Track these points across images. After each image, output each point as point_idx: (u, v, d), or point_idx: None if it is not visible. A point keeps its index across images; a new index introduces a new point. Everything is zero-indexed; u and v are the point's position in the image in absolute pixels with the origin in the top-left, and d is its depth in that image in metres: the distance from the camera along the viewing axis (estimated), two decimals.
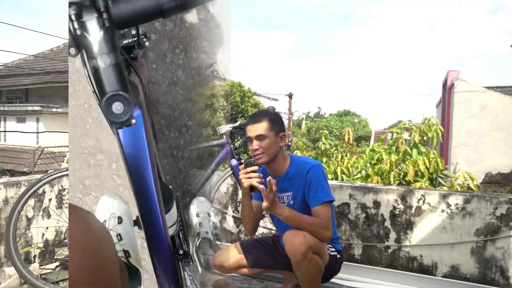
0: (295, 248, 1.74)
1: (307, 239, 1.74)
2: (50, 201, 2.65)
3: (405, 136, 4.35)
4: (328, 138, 5.54)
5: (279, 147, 1.92)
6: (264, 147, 1.86)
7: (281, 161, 1.95)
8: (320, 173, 1.88)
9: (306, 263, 1.74)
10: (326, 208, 1.81)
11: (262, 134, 1.86)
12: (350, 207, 2.64)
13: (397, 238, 2.52)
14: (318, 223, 1.77)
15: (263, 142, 1.86)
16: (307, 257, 1.73)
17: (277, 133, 1.90)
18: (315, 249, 1.77)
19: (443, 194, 2.43)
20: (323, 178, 1.87)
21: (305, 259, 1.73)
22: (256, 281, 2.50)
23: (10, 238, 2.11)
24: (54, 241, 2.69)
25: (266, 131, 1.86)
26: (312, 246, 1.75)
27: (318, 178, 1.85)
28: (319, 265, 1.79)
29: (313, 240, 1.76)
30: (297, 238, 1.74)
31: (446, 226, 2.40)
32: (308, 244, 1.73)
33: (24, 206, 2.19)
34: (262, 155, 1.87)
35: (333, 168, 4.47)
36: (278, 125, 1.92)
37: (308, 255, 1.73)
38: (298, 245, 1.73)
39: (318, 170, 1.88)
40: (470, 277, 2.35)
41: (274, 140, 1.88)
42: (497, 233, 2.30)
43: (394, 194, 2.53)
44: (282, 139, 1.93)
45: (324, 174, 1.91)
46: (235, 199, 3.04)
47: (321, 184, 1.84)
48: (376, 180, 3.87)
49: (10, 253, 2.10)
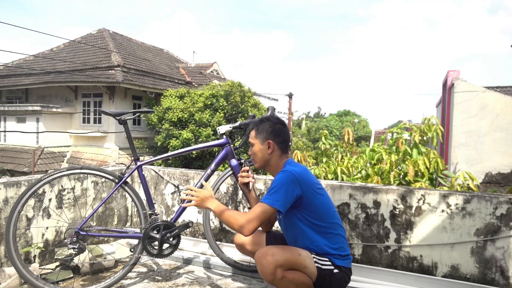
0: (262, 269, 1.77)
1: (274, 257, 1.75)
2: (50, 201, 2.65)
3: (405, 136, 4.34)
4: (328, 138, 5.54)
5: (267, 154, 2.00)
6: (252, 154, 2.04)
7: (275, 167, 2.02)
8: (281, 179, 1.85)
9: (278, 282, 1.75)
10: (257, 206, 1.81)
11: (250, 142, 2.06)
12: (350, 207, 2.64)
13: (397, 238, 2.52)
14: (235, 216, 1.83)
15: (252, 149, 2.04)
16: (276, 276, 1.74)
17: (263, 141, 2.00)
18: (286, 266, 1.76)
19: (443, 194, 2.43)
20: (278, 184, 1.83)
21: (275, 278, 1.75)
22: (256, 281, 2.50)
23: (10, 238, 2.11)
24: (54, 241, 2.69)
25: (252, 139, 2.05)
26: (281, 264, 1.75)
27: (274, 181, 1.87)
28: (297, 280, 1.77)
29: (283, 258, 1.76)
30: (265, 258, 1.76)
31: (446, 226, 2.40)
32: (276, 263, 1.74)
33: (24, 206, 2.19)
34: (254, 161, 2.07)
35: (333, 168, 4.47)
36: (263, 132, 2.00)
37: (277, 274, 1.74)
38: (265, 265, 1.75)
39: (281, 176, 1.86)
40: (470, 277, 2.35)
41: (260, 148, 2.01)
42: (497, 233, 2.30)
43: (394, 194, 2.53)
44: (269, 147, 1.99)
45: (285, 181, 1.84)
46: (235, 199, 3.04)
47: (273, 188, 1.83)
48: (376, 180, 3.87)
49: (10, 253, 2.10)
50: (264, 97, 24.37)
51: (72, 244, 2.18)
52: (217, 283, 2.45)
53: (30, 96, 17.24)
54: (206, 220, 2.61)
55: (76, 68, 15.29)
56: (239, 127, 2.50)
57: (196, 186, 2.43)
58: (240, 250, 2.25)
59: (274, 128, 2.01)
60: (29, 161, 13.58)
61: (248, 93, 14.18)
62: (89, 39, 17.60)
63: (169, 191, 3.29)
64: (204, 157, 12.92)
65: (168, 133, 13.03)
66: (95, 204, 2.95)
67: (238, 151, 2.54)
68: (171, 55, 21.82)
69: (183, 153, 2.55)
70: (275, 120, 2.05)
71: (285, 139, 2.02)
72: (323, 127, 32.53)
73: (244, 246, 2.18)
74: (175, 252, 2.39)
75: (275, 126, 2.01)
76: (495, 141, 6.62)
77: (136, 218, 3.37)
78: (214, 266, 2.70)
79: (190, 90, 14.35)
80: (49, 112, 15.09)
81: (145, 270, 2.66)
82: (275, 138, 1.99)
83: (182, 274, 2.60)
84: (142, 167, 2.42)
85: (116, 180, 2.35)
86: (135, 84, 14.49)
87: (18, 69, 16.79)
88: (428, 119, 4.34)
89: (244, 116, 13.58)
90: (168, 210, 3.30)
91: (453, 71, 7.46)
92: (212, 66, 20.76)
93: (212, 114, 13.24)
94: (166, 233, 2.33)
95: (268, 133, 1.99)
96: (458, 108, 6.91)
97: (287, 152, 2.04)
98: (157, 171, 3.32)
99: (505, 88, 11.98)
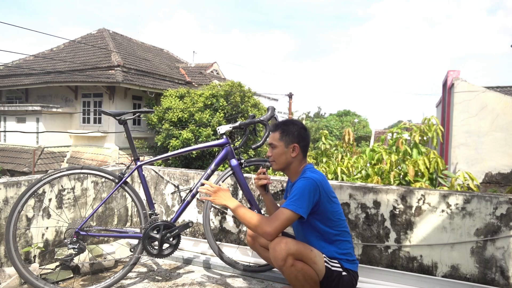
0: (275, 254, 1.81)
1: (288, 245, 1.80)
2: (50, 201, 2.65)
3: (405, 136, 4.34)
4: (328, 138, 5.54)
5: (290, 157, 2.01)
6: (274, 155, 2.03)
7: (294, 170, 2.04)
8: (303, 185, 1.86)
9: (288, 268, 1.79)
10: (281, 212, 1.82)
11: (272, 143, 2.04)
12: (350, 207, 2.64)
13: (397, 238, 2.52)
14: (263, 219, 1.84)
15: (274, 151, 2.03)
16: (287, 263, 1.78)
17: (288, 144, 2.01)
18: (297, 256, 1.80)
19: (443, 194, 2.43)
20: (302, 190, 1.84)
21: (286, 265, 1.79)
22: (256, 281, 2.50)
23: (10, 238, 2.11)
24: (54, 241, 2.69)
25: (276, 141, 2.02)
26: (293, 253, 1.79)
27: (296, 187, 1.88)
28: (305, 272, 1.80)
29: (295, 247, 1.81)
30: (279, 245, 1.81)
31: (446, 226, 2.40)
32: (288, 251, 1.79)
33: (24, 206, 2.19)
34: (273, 162, 2.05)
35: (333, 168, 4.47)
36: (289, 135, 2.01)
37: (288, 261, 1.78)
38: (278, 251, 1.80)
39: (303, 183, 1.88)
40: (470, 277, 2.35)
41: (283, 150, 2.01)
42: (497, 233, 2.30)
43: (394, 194, 2.53)
44: (294, 150, 2.01)
45: (308, 188, 1.85)
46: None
47: (296, 194, 1.84)
48: (376, 180, 3.87)
49: (10, 253, 2.10)
50: (264, 97, 24.37)
51: (72, 244, 2.18)
52: (217, 283, 2.45)
53: (30, 96, 17.24)
54: (206, 220, 2.61)
55: (76, 68, 15.30)
56: (239, 127, 2.50)
57: (197, 186, 2.43)
58: (250, 242, 2.30)
59: (300, 132, 2.04)
60: (29, 161, 13.58)
61: (248, 93, 14.18)
62: (89, 39, 17.61)
63: (169, 191, 3.29)
64: (204, 157, 12.92)
65: (168, 133, 13.03)
66: (95, 204, 2.95)
67: (238, 151, 2.54)
68: (171, 55, 21.82)
69: (183, 153, 2.55)
70: (301, 125, 2.08)
71: (307, 143, 2.07)
72: (323, 127, 32.53)
73: (257, 238, 2.23)
74: (175, 252, 2.39)
75: (300, 130, 2.04)
76: (495, 141, 6.62)
77: (136, 218, 3.37)
78: (214, 266, 2.70)
79: (190, 90, 14.35)
80: (49, 112, 15.09)
81: (145, 270, 2.66)
82: (300, 142, 2.03)
83: (182, 274, 2.60)
84: (142, 167, 2.42)
85: (116, 180, 2.35)
86: (135, 84, 14.49)
87: (18, 69, 16.80)
88: (428, 119, 4.34)
89: (244, 116, 13.58)
90: (168, 210, 3.30)
91: (453, 71, 7.47)
92: (212, 66, 20.76)
93: (212, 114, 13.24)
94: (166, 233, 2.33)
95: (295, 137, 2.02)
96: (458, 108, 6.91)
97: (306, 156, 2.09)
98: (157, 171, 3.32)
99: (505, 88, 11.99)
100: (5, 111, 15.99)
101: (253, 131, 2.57)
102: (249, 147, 11.94)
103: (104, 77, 14.09)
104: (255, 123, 2.50)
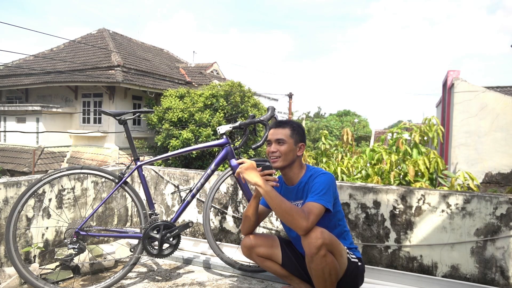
0: (310, 240, 1.76)
1: (323, 234, 1.77)
2: (50, 201, 2.65)
3: (405, 136, 4.35)
4: (328, 138, 5.54)
5: (296, 155, 2.02)
6: (282, 151, 1.98)
7: (296, 170, 2.04)
8: (326, 180, 1.90)
9: (319, 258, 1.75)
10: (314, 206, 1.80)
11: (282, 139, 1.99)
12: (350, 207, 2.64)
13: (397, 238, 2.52)
14: (298, 211, 1.76)
15: (282, 147, 1.98)
16: (320, 252, 1.74)
17: (297, 142, 2.01)
18: (330, 248, 1.78)
19: (443, 194, 2.43)
20: (327, 186, 1.87)
21: (318, 254, 1.74)
22: (256, 281, 2.49)
23: (10, 238, 2.11)
24: (54, 241, 2.69)
25: (286, 137, 1.99)
26: (327, 243, 1.76)
27: (321, 182, 1.88)
28: (333, 265, 1.78)
29: (329, 238, 1.79)
30: (314, 232, 1.76)
31: (446, 226, 2.40)
32: (324, 240, 1.75)
33: (24, 206, 2.19)
34: (278, 159, 1.98)
35: (333, 168, 4.47)
36: (299, 134, 2.02)
37: (321, 250, 1.74)
38: (314, 238, 1.75)
39: (326, 177, 1.91)
40: (470, 277, 2.35)
41: (292, 148, 1.99)
42: (497, 233, 2.30)
43: (394, 194, 2.53)
44: (300, 149, 2.03)
45: (331, 184, 1.90)
46: (235, 199, 3.04)
47: (323, 189, 1.85)
48: (376, 180, 3.87)
49: (10, 253, 2.10)
50: (264, 97, 24.37)
51: (72, 244, 2.18)
52: (217, 283, 2.45)
53: (30, 96, 17.24)
54: (206, 220, 2.61)
55: (76, 68, 15.30)
56: (239, 127, 2.50)
57: (197, 186, 2.44)
58: (246, 252, 2.16)
59: (304, 133, 2.08)
60: (29, 161, 13.58)
61: (248, 93, 14.18)
62: (89, 39, 17.61)
63: (169, 191, 3.29)
64: (204, 157, 12.92)
65: (168, 133, 13.03)
66: (95, 204, 2.95)
67: (238, 151, 2.54)
68: (171, 55, 21.82)
69: (183, 153, 2.55)
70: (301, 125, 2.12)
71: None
72: (323, 127, 32.52)
73: (254, 249, 2.12)
74: (175, 252, 2.39)
75: (304, 131, 2.08)
76: (495, 141, 6.62)
77: (136, 218, 3.37)
78: (214, 266, 2.70)
79: (190, 90, 14.35)
80: (49, 112, 15.09)
81: (145, 270, 2.66)
82: (305, 142, 2.07)
83: (182, 274, 2.60)
84: (142, 167, 2.42)
85: (116, 180, 2.35)
86: (135, 84, 14.49)
87: (18, 69, 16.80)
88: (429, 119, 4.34)
89: (244, 116, 13.57)
90: (168, 210, 3.30)
91: (453, 71, 7.47)
92: (212, 66, 20.76)
93: (212, 114, 13.24)
94: (166, 233, 2.33)
95: (302, 136, 2.05)
96: (458, 108, 6.91)
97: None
98: (157, 171, 3.32)
99: (505, 88, 11.98)
100: (5, 111, 15.99)
101: (253, 131, 2.57)
102: (249, 147, 11.93)
103: (104, 77, 14.09)
104: (255, 123, 2.50)
